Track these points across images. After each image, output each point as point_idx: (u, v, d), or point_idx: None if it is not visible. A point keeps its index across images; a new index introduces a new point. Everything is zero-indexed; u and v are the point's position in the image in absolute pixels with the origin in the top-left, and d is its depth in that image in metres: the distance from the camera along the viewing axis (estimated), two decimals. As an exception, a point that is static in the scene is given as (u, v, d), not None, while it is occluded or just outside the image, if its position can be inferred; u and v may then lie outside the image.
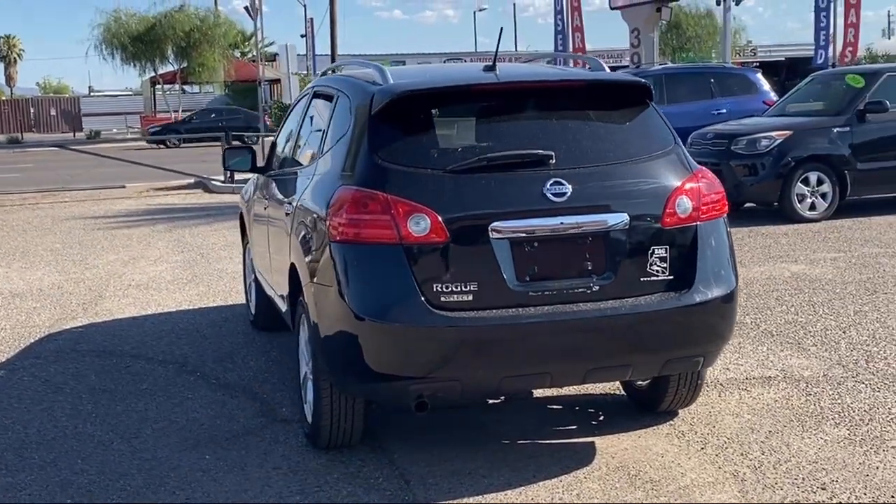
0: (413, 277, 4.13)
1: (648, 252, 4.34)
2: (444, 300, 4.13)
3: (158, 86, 55.43)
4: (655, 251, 4.35)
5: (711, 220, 4.51)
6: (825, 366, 5.87)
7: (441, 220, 4.14)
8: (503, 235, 4.18)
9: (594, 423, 5.07)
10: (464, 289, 4.15)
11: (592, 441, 4.81)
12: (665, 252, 4.36)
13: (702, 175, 4.59)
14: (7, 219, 15.60)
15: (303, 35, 56.21)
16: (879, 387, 5.44)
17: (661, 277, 4.36)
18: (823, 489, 4.16)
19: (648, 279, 4.34)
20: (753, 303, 7.52)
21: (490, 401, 5.38)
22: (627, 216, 4.31)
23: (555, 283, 4.24)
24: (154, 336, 7.28)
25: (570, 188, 4.25)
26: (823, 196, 11.88)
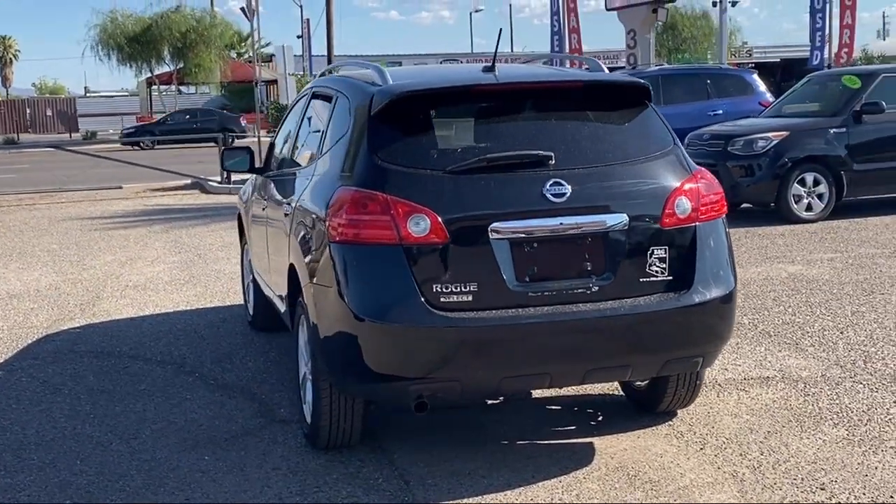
0: (413, 278, 4.13)
1: (648, 252, 4.35)
2: (444, 301, 4.13)
3: (155, 86, 55.48)
4: (655, 252, 4.36)
5: (710, 221, 4.52)
6: (823, 366, 5.88)
7: (441, 221, 4.14)
8: (503, 236, 4.18)
9: (593, 424, 5.07)
10: (463, 289, 4.15)
11: (591, 441, 4.81)
12: (664, 252, 4.37)
13: (701, 176, 4.60)
14: (4, 219, 15.59)
15: (299, 36, 56.34)
16: (877, 387, 5.45)
17: (661, 278, 4.37)
18: (822, 489, 4.16)
19: (648, 280, 4.35)
20: (751, 303, 7.53)
21: (489, 401, 5.38)
22: (627, 217, 4.32)
23: (554, 284, 4.24)
24: (152, 337, 7.28)
25: (570, 189, 4.25)
26: (820, 197, 11.91)
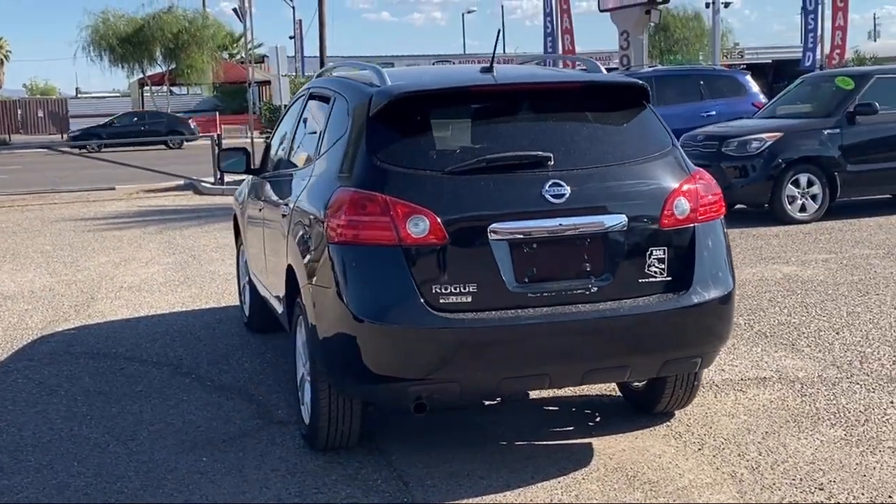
0: (412, 279, 4.12)
1: (646, 253, 4.35)
2: (444, 301, 4.13)
3: (146, 87, 55.36)
4: (653, 252, 4.36)
5: (709, 222, 4.53)
6: (820, 367, 5.89)
7: (440, 222, 4.14)
8: (502, 237, 4.18)
9: (591, 425, 5.08)
10: (463, 290, 4.14)
11: (590, 442, 4.81)
12: (663, 253, 4.37)
13: (699, 176, 4.61)
14: (-4, 221, 15.53)
15: (291, 37, 56.23)
16: (874, 387, 5.47)
17: (659, 279, 4.37)
18: (821, 489, 4.17)
19: (646, 280, 4.35)
20: (746, 304, 7.54)
21: (486, 402, 5.38)
22: (626, 217, 4.32)
23: (553, 285, 4.24)
24: (148, 338, 7.26)
25: (569, 189, 4.25)
26: (814, 198, 11.93)
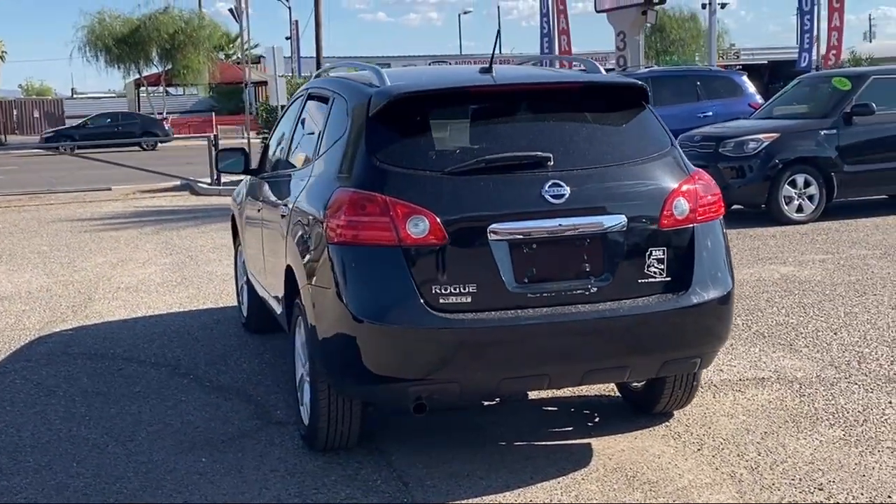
0: (412, 279, 4.12)
1: (646, 254, 4.36)
2: (443, 302, 4.13)
3: (143, 88, 55.30)
4: (653, 253, 4.36)
5: (708, 222, 4.53)
6: (818, 367, 5.90)
7: (440, 222, 4.14)
8: (502, 237, 4.18)
9: (590, 425, 5.08)
10: (462, 290, 4.14)
11: (589, 442, 4.81)
12: (662, 254, 4.38)
13: (698, 177, 4.61)
14: (-8, 221, 15.50)
15: (287, 37, 56.26)
16: (872, 388, 5.47)
17: (659, 279, 4.37)
18: (820, 489, 4.17)
19: (646, 281, 4.35)
20: (744, 304, 7.54)
21: (485, 403, 5.38)
22: (625, 218, 4.32)
23: (553, 285, 4.24)
24: (145, 339, 7.25)
25: (569, 190, 4.25)
26: (810, 198, 11.94)
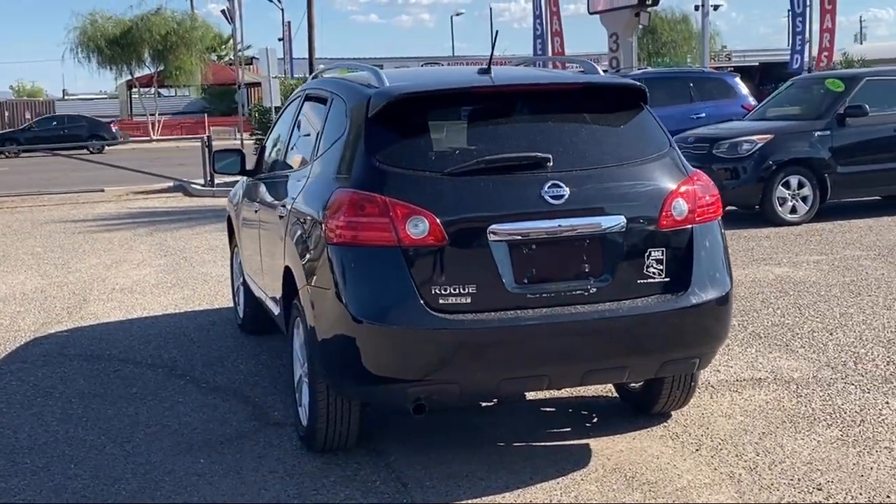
0: (411, 280, 4.12)
1: (645, 254, 4.36)
2: (443, 302, 4.13)
3: (135, 89, 55.20)
4: (652, 254, 4.37)
5: (707, 223, 4.55)
6: (814, 367, 5.91)
7: (439, 223, 4.14)
8: (501, 238, 4.18)
9: (588, 426, 5.08)
10: (462, 291, 4.15)
11: (587, 443, 4.82)
12: (661, 254, 4.38)
13: (697, 178, 4.62)
14: (-15, 222, 15.46)
15: (280, 39, 56.24)
16: (869, 388, 5.49)
17: (658, 280, 4.38)
18: (819, 490, 4.18)
19: (645, 281, 4.36)
20: (740, 305, 7.55)
21: (483, 404, 5.38)
22: (624, 219, 4.33)
23: (552, 286, 4.25)
24: (141, 340, 7.23)
25: (568, 191, 4.26)
26: (804, 199, 11.96)
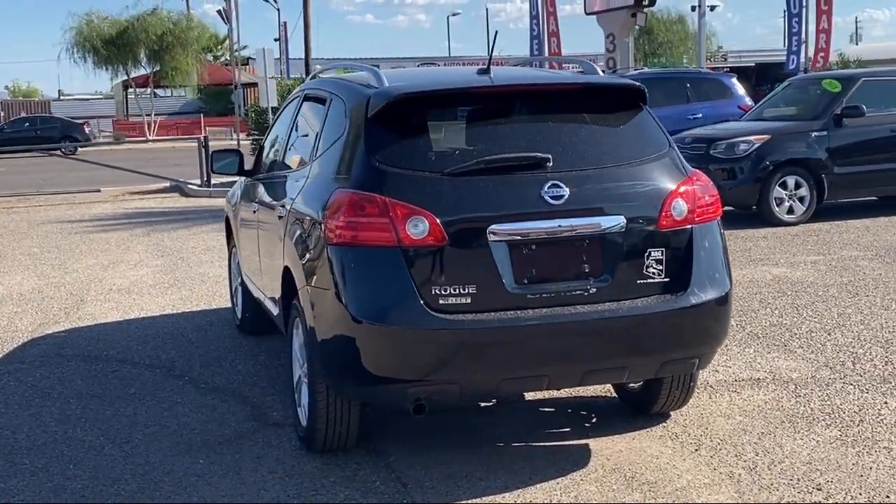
0: (411, 280, 4.12)
1: (644, 255, 4.37)
2: (443, 303, 4.12)
3: (131, 89, 55.15)
4: (651, 254, 4.37)
5: (706, 223, 4.54)
6: (813, 367, 5.92)
7: (439, 223, 4.13)
8: (501, 238, 4.18)
9: (587, 426, 5.08)
10: (462, 291, 4.14)
11: (587, 443, 4.82)
12: (661, 255, 4.39)
13: (697, 178, 4.62)
14: (-19, 223, 15.43)
15: (276, 39, 56.22)
16: (867, 388, 5.50)
17: (657, 280, 4.38)
18: (819, 490, 4.19)
19: (644, 282, 4.36)
20: (737, 305, 7.55)
21: (482, 404, 5.38)
22: (624, 219, 4.33)
23: (552, 286, 4.25)
24: (139, 340, 7.23)
25: (568, 191, 4.26)
26: (801, 200, 11.97)
